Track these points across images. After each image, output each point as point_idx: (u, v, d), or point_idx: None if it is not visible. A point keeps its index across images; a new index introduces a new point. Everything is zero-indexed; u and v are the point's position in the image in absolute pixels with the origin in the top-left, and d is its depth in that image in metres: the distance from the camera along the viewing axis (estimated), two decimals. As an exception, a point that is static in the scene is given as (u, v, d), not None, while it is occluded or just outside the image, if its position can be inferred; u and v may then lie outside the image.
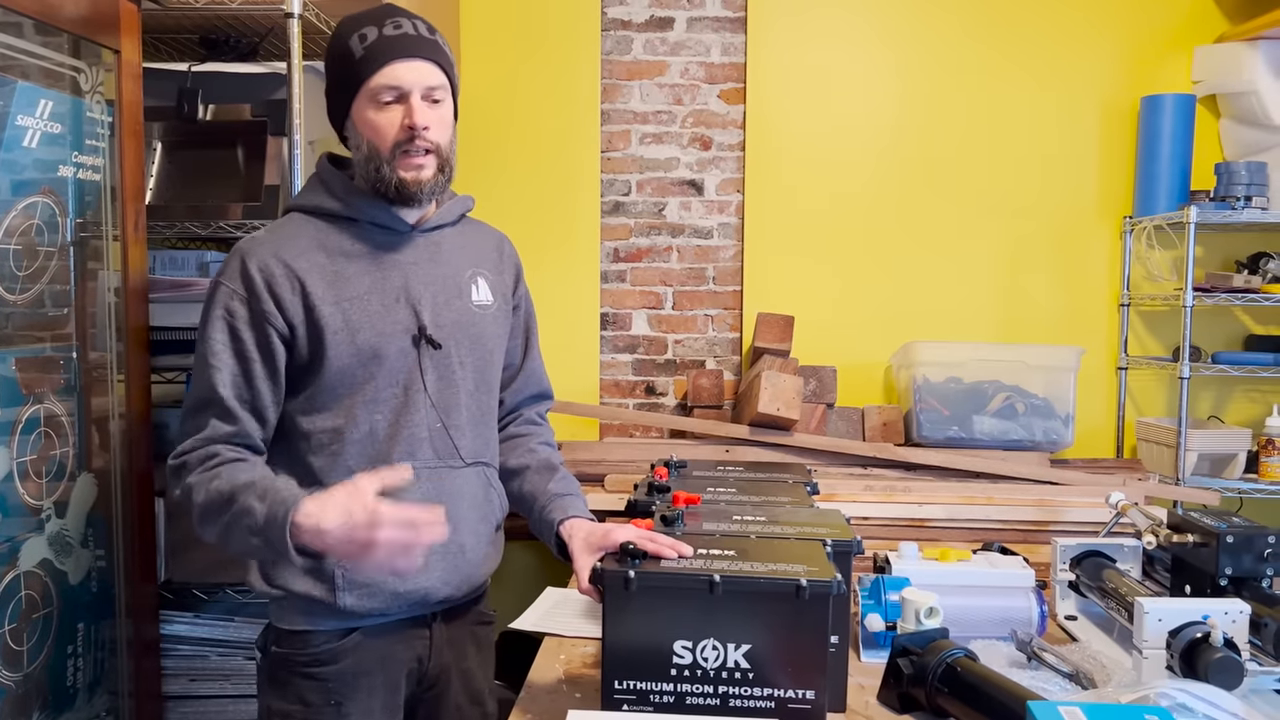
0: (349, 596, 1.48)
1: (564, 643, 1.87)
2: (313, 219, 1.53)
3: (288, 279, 1.46)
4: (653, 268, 3.11)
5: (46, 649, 1.85)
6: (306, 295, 1.46)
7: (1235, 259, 2.97)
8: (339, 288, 1.48)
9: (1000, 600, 1.87)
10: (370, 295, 1.49)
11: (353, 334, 1.47)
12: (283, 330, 1.46)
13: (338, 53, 1.48)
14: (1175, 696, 1.39)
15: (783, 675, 1.31)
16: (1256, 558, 1.75)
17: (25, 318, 1.82)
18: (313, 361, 1.48)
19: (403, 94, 1.45)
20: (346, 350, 1.47)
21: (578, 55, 3.04)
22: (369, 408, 1.48)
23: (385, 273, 1.52)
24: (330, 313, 1.46)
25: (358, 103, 1.47)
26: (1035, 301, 3.05)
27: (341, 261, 1.50)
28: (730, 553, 1.40)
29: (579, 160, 3.05)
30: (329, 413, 1.49)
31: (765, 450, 2.74)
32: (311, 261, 1.48)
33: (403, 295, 1.52)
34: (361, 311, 1.48)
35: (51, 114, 1.82)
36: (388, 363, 1.49)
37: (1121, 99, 3.01)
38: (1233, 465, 2.81)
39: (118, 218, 2.00)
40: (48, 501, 1.85)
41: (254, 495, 1.35)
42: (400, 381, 1.50)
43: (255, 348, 1.45)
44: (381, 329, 1.49)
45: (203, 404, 1.45)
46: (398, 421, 1.50)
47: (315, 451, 1.49)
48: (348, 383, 1.48)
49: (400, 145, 1.45)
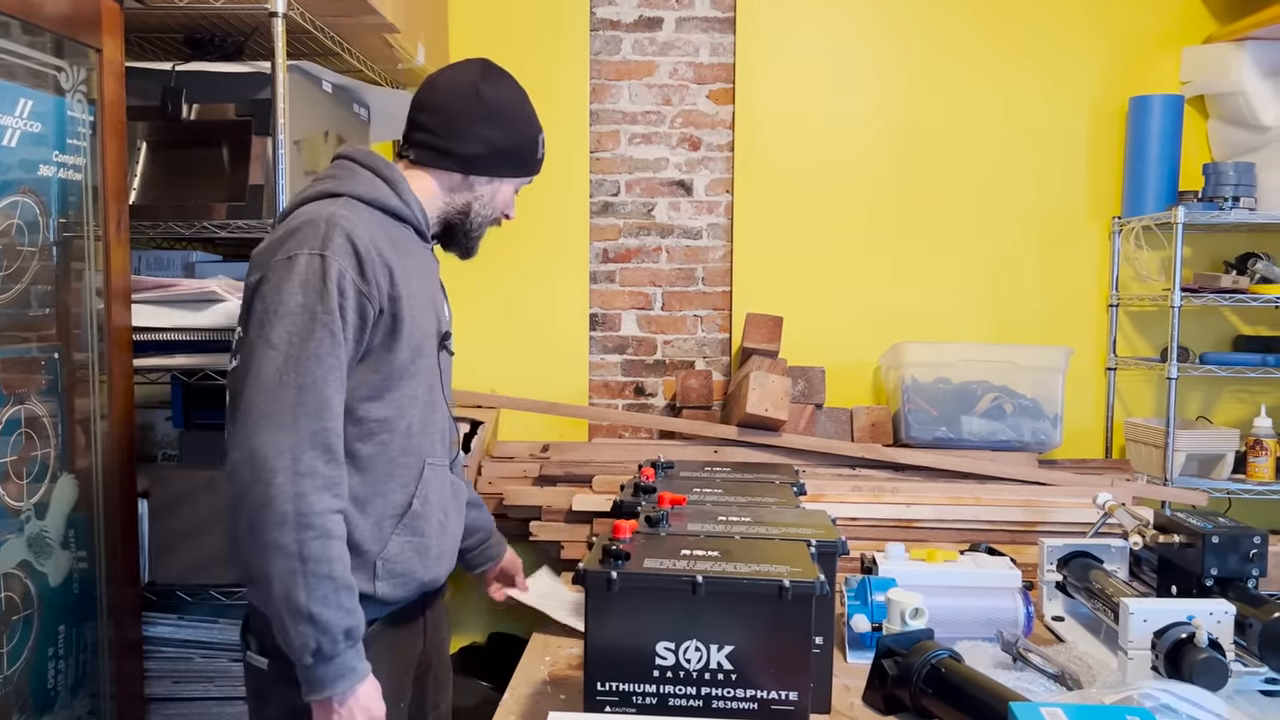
0: (385, 585, 1.51)
1: (550, 644, 1.87)
2: (373, 210, 1.52)
3: (383, 265, 1.46)
4: (642, 268, 3.10)
5: (27, 651, 1.83)
6: (393, 284, 1.47)
7: (1223, 259, 2.97)
8: (405, 283, 1.50)
9: (987, 601, 1.87)
10: (420, 295, 1.55)
11: (413, 329, 1.52)
12: (374, 315, 1.45)
13: (530, 140, 1.66)
14: (1159, 697, 1.39)
15: (765, 676, 1.30)
16: (1242, 558, 1.75)
17: (7, 318, 1.80)
18: (383, 350, 1.48)
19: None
20: (408, 344, 1.51)
21: (566, 55, 3.03)
22: (411, 402, 1.53)
23: (424, 277, 1.60)
24: (405, 305, 1.49)
25: (509, 181, 1.67)
26: (1024, 302, 3.05)
27: (402, 258, 1.52)
28: (714, 553, 1.40)
29: (568, 160, 3.04)
30: (382, 402, 1.50)
31: (754, 451, 2.73)
32: (390, 252, 1.49)
33: (432, 300, 1.61)
34: (418, 309, 1.53)
35: (32, 113, 1.81)
36: (425, 361, 1.55)
37: (1110, 99, 3.01)
38: (1221, 466, 2.81)
39: (100, 217, 1.99)
40: (28, 503, 1.84)
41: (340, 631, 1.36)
42: (429, 381, 1.57)
43: (355, 330, 1.43)
44: (426, 329, 1.56)
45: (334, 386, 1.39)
46: (426, 417, 1.57)
47: (364, 438, 1.49)
48: (402, 375, 1.51)
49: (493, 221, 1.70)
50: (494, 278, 3.03)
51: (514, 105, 1.63)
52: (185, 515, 2.16)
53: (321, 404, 1.38)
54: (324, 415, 1.38)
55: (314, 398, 1.37)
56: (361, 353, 1.47)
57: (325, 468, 1.38)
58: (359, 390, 1.48)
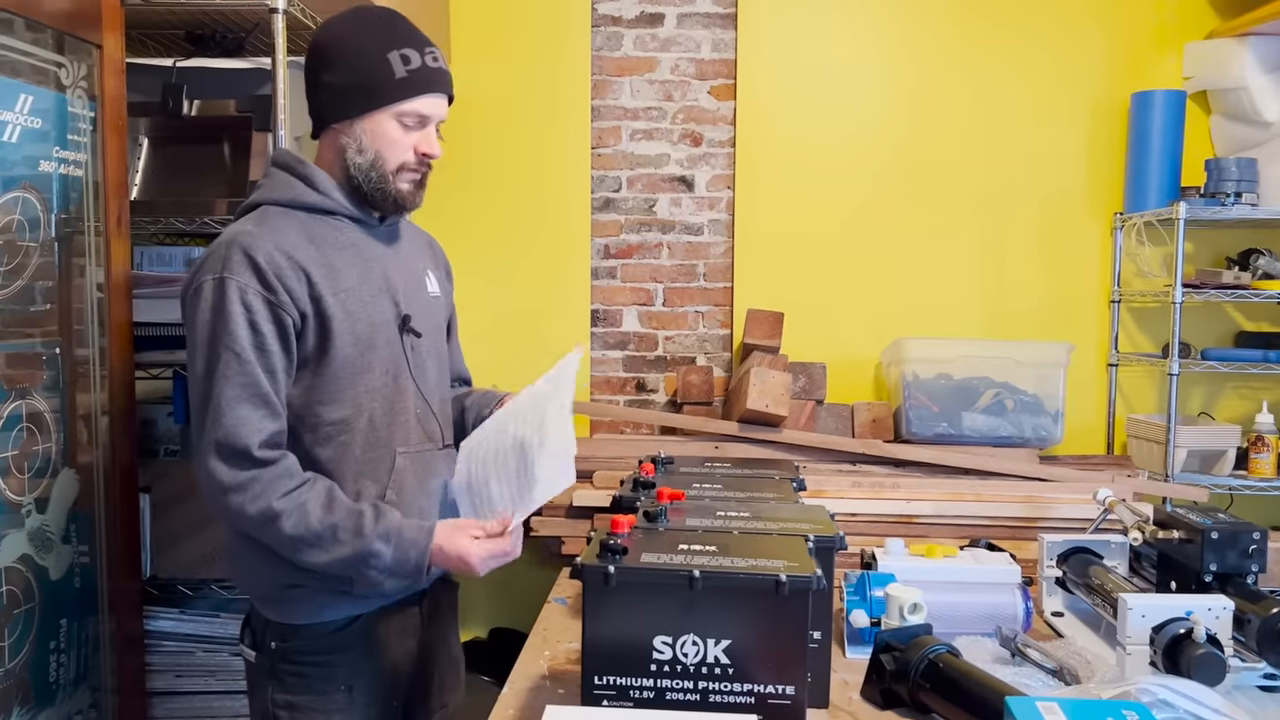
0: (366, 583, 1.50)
1: (549, 638, 1.87)
2: (291, 212, 1.53)
3: (293, 270, 1.47)
4: (643, 264, 3.10)
5: (28, 645, 1.84)
6: (312, 286, 1.48)
7: (1225, 255, 2.96)
8: (334, 279, 1.50)
9: (986, 596, 1.87)
10: (360, 286, 1.53)
11: (353, 324, 1.51)
12: (296, 322, 1.47)
13: (372, 61, 1.50)
14: (1156, 692, 1.39)
15: (763, 671, 1.30)
16: (1241, 554, 1.75)
17: (8, 313, 1.81)
18: (318, 352, 1.49)
19: (424, 122, 1.54)
20: (349, 340, 1.50)
21: (568, 51, 3.03)
22: (369, 397, 1.53)
23: (367, 264, 1.56)
24: (333, 303, 1.49)
25: (379, 115, 1.51)
26: (1025, 298, 3.05)
27: (331, 253, 1.52)
28: (712, 548, 1.40)
29: (569, 156, 3.04)
30: (335, 404, 1.50)
31: (754, 447, 2.73)
32: (308, 254, 1.49)
33: (384, 286, 1.57)
34: (356, 302, 1.52)
35: (32, 109, 1.81)
36: (380, 351, 1.54)
37: (1112, 95, 3.00)
38: (1222, 462, 2.81)
39: (101, 213, 2.00)
40: (28, 497, 1.84)
41: (375, 537, 1.43)
42: (390, 370, 1.55)
43: (276, 340, 1.45)
44: (373, 319, 1.53)
45: (243, 399, 1.42)
46: (392, 408, 1.55)
47: (323, 443, 1.50)
48: (350, 373, 1.51)
49: (407, 165, 1.54)
50: (495, 273, 3.04)
51: (343, 38, 1.52)
52: (187, 510, 2.18)
53: (225, 414, 1.42)
54: (222, 422, 1.41)
55: (222, 415, 1.42)
56: (299, 360, 1.48)
57: (241, 473, 1.41)
58: (309, 396, 1.50)
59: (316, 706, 1.52)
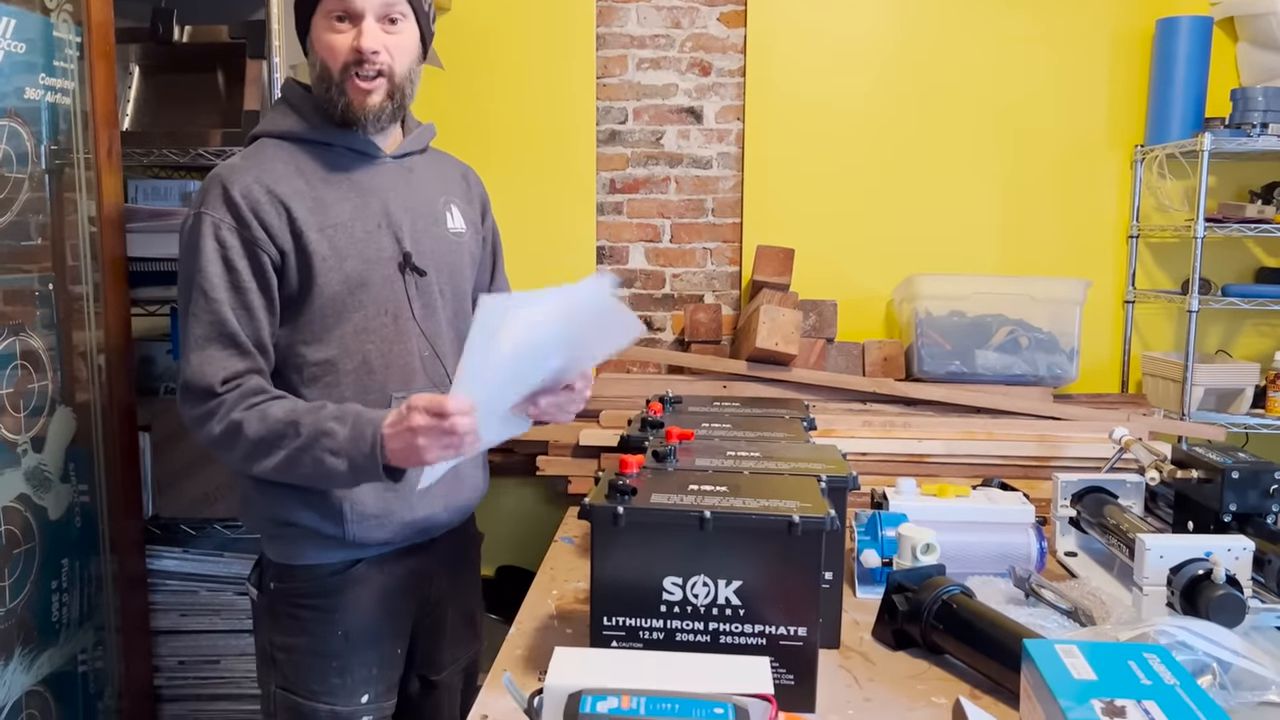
0: (357, 528, 1.47)
1: (556, 578, 1.85)
2: (285, 144, 1.48)
3: (273, 205, 1.42)
4: (650, 199, 3.03)
5: (29, 585, 1.83)
6: (293, 221, 1.42)
7: (1249, 189, 2.88)
8: (322, 214, 1.45)
9: (999, 536, 1.84)
10: (354, 222, 1.47)
11: (340, 261, 1.44)
12: (274, 257, 1.42)
13: None
14: (1175, 634, 1.36)
15: (774, 611, 1.28)
16: (1262, 494, 1.71)
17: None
18: (302, 290, 1.44)
19: (356, 15, 1.42)
20: (335, 278, 1.44)
21: (572, -23, 2.93)
22: (360, 338, 1.46)
23: (365, 199, 1.49)
24: (317, 239, 1.43)
25: (315, 21, 1.45)
26: (1041, 233, 2.97)
27: (321, 187, 1.46)
28: (722, 489, 1.37)
29: (574, 87, 2.96)
30: (320, 344, 1.46)
31: (763, 386, 2.69)
32: (293, 187, 1.44)
33: (384, 222, 1.50)
34: (347, 238, 1.45)
35: (15, 33, 1.74)
36: (374, 290, 1.47)
37: (1135, 21, 2.90)
38: (1240, 400, 2.76)
39: (91, 144, 1.93)
40: (24, 436, 1.81)
41: (329, 418, 1.34)
42: (389, 310, 1.49)
43: (251, 277, 1.41)
44: (367, 256, 1.47)
45: (211, 339, 1.39)
46: (390, 351, 1.48)
47: (309, 384, 1.46)
48: (337, 312, 1.45)
49: (350, 67, 1.43)
50: (497, 209, 2.95)
51: None
52: (187, 449, 2.15)
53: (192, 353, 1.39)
54: (190, 360, 1.39)
55: (189, 354, 1.40)
56: (283, 298, 1.44)
57: (205, 405, 1.38)
58: (292, 335, 1.45)
59: (313, 649, 1.50)
